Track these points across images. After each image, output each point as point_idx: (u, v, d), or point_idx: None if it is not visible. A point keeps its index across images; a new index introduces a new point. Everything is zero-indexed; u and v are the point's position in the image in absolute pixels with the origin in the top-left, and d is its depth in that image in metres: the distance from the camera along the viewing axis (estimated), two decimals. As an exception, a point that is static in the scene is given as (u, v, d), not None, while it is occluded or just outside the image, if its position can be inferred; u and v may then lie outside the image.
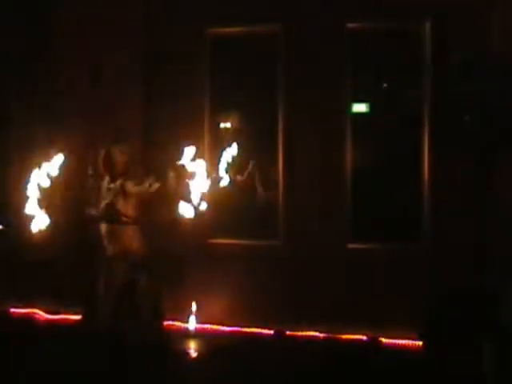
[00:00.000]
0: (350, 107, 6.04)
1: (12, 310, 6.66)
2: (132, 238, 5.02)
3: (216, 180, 4.46)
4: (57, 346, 5.49)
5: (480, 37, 5.55)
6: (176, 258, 5.97)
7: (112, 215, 4.97)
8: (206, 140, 6.36)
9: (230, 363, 5.29)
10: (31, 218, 4.08)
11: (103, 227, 5.04)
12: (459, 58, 5.59)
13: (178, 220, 4.21)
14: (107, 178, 5.09)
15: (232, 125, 6.52)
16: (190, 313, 6.12)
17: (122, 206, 4.97)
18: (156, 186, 4.82)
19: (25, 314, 6.63)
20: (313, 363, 5.32)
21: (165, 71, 6.31)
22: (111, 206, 4.97)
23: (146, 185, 4.85)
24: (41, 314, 6.62)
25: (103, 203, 5.01)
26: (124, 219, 4.97)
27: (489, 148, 5.55)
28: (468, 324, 4.58)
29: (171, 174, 4.70)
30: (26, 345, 5.55)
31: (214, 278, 6.15)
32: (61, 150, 4.29)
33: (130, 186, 4.95)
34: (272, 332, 6.06)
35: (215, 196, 4.41)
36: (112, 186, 5.02)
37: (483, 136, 5.58)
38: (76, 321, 6.28)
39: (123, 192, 4.95)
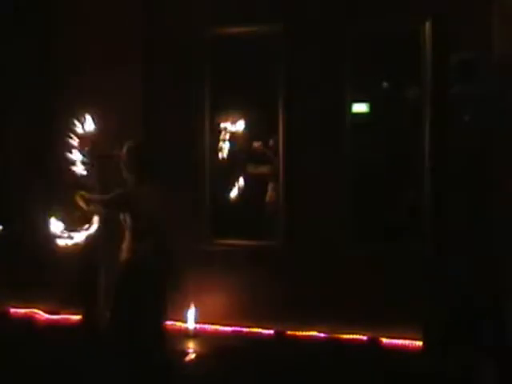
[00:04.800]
0: (350, 107, 6.03)
1: (12, 310, 6.67)
2: None
3: None
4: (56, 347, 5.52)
5: (480, 37, 5.55)
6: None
7: None
8: (206, 140, 6.36)
9: (230, 363, 5.29)
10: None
11: None
12: (459, 57, 5.58)
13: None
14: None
15: (232, 125, 6.52)
16: (190, 313, 6.13)
17: None
18: None
19: (25, 314, 6.64)
20: (313, 363, 5.32)
21: (164, 71, 6.32)
22: None
23: None
24: (41, 314, 6.62)
25: None
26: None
27: (489, 148, 5.55)
28: (470, 325, 4.58)
29: None
30: (26, 345, 5.58)
31: (214, 278, 6.16)
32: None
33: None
34: (272, 332, 6.07)
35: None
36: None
37: (483, 136, 5.58)
38: (76, 321, 6.30)
39: None
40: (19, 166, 6.72)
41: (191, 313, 6.12)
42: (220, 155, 6.43)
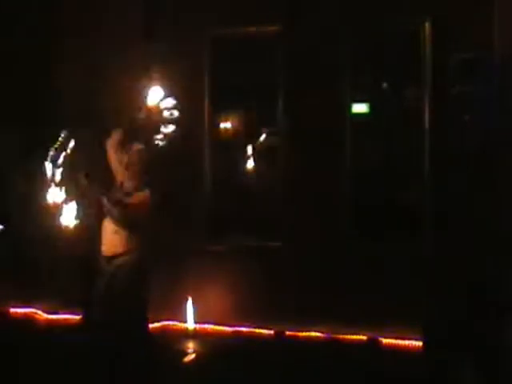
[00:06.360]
0: (349, 107, 6.04)
1: (12, 310, 6.67)
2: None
3: None
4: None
5: (480, 37, 5.55)
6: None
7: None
8: (206, 140, 6.37)
9: (230, 363, 5.29)
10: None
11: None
12: (459, 57, 5.59)
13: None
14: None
15: (232, 125, 6.53)
16: (190, 313, 6.13)
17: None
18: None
19: (25, 314, 6.64)
20: (312, 363, 5.32)
21: (164, 71, 6.31)
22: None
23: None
24: (41, 314, 6.63)
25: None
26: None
27: (489, 148, 5.55)
28: (469, 325, 4.58)
29: None
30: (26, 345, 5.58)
31: (214, 278, 6.16)
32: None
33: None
34: (272, 332, 6.07)
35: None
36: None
37: (483, 136, 5.58)
38: (76, 321, 6.30)
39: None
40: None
41: (191, 313, 6.13)
42: (220, 155, 6.43)
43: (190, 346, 5.86)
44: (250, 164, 6.53)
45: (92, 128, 5.47)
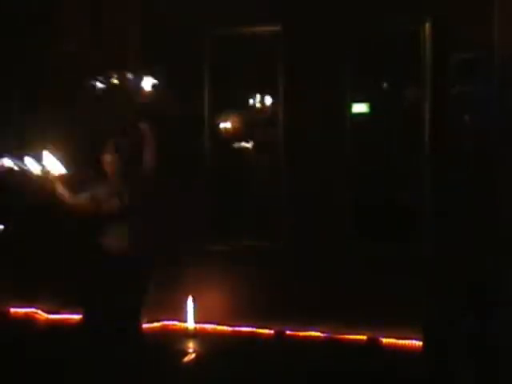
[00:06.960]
0: (350, 107, 6.04)
1: (12, 309, 6.67)
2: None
3: None
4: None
5: (480, 37, 5.55)
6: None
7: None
8: (206, 140, 6.36)
9: (229, 363, 5.29)
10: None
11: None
12: (459, 57, 5.58)
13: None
14: None
15: (232, 124, 6.53)
16: (190, 313, 6.13)
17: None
18: None
19: (25, 313, 6.64)
20: (312, 363, 5.32)
21: (164, 71, 6.30)
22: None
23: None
24: (41, 314, 6.63)
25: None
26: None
27: (489, 148, 5.55)
28: (469, 325, 4.58)
29: None
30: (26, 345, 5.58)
31: (214, 278, 6.16)
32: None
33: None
34: (272, 332, 6.07)
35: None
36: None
37: (483, 136, 5.58)
38: (77, 320, 6.30)
39: None
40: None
41: (191, 312, 6.13)
42: (219, 154, 6.43)
43: (190, 345, 5.86)
44: (250, 164, 6.52)
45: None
